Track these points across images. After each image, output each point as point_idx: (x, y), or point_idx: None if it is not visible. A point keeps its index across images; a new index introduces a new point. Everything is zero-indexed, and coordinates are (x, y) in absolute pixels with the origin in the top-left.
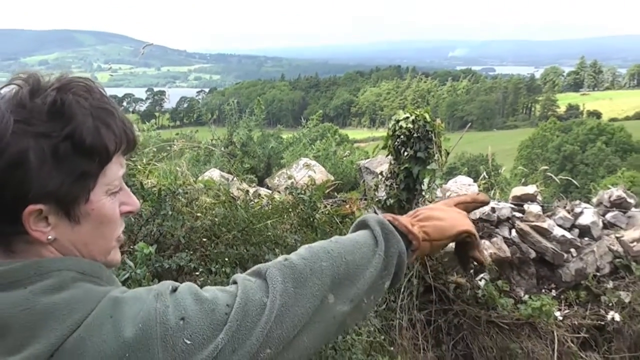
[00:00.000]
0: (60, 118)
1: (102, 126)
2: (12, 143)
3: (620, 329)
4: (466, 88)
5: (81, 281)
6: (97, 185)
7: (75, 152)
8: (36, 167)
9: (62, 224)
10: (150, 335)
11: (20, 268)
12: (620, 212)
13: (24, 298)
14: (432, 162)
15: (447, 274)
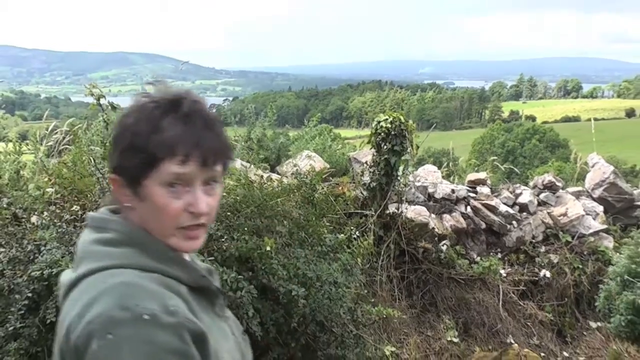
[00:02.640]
0: (142, 118)
1: (162, 131)
2: (117, 126)
3: (550, 283)
4: (432, 97)
5: (124, 246)
6: (150, 177)
7: (138, 146)
8: (119, 147)
9: (134, 197)
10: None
11: (100, 219)
12: (551, 193)
13: (89, 239)
14: (406, 154)
15: (417, 240)
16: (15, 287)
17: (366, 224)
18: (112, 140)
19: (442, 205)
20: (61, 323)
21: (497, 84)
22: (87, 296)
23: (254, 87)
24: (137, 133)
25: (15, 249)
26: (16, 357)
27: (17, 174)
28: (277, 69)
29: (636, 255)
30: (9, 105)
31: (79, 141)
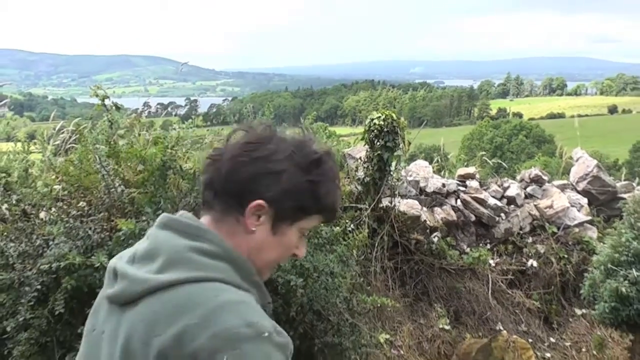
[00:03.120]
0: (316, 168)
1: (329, 191)
2: (282, 160)
3: (537, 272)
4: (423, 96)
5: (224, 262)
6: (300, 222)
7: (310, 194)
8: (283, 183)
9: (265, 227)
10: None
11: (195, 228)
12: (537, 186)
13: (182, 244)
14: (398, 149)
15: (410, 233)
16: (25, 280)
17: (360, 217)
18: (276, 172)
19: (433, 198)
20: (153, 322)
21: (485, 82)
22: (202, 308)
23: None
24: (318, 183)
25: (24, 244)
26: (27, 346)
27: (26, 172)
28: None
29: (619, 245)
30: (17, 106)
31: (85, 140)
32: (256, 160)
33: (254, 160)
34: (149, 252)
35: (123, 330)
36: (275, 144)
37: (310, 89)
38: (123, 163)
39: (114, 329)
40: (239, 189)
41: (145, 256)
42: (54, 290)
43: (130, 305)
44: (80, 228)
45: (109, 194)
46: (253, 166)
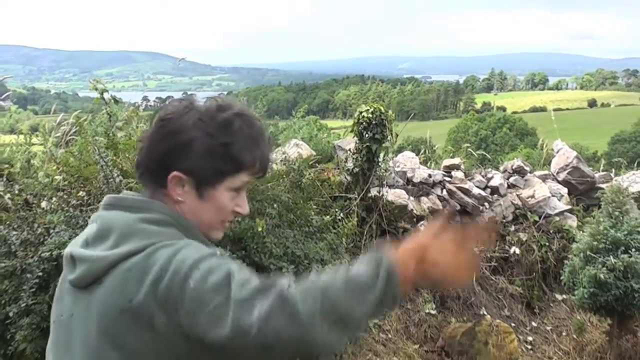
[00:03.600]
0: (225, 130)
1: (246, 149)
2: (189, 130)
3: (519, 259)
4: (410, 90)
5: (173, 227)
6: (224, 182)
7: (223, 156)
8: (195, 152)
9: (191, 194)
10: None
11: (141, 202)
12: (519, 177)
13: (132, 218)
14: (386, 141)
15: (397, 221)
16: (27, 267)
17: (350, 207)
18: (185, 143)
19: (419, 188)
20: (115, 294)
21: (471, 77)
22: (160, 260)
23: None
24: (229, 144)
25: (26, 232)
26: (28, 331)
27: (28, 163)
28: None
29: (597, 233)
30: (21, 100)
31: (85, 132)
32: (167, 135)
33: (165, 136)
34: (101, 232)
35: (95, 307)
36: (185, 116)
37: (302, 83)
38: (121, 154)
39: (84, 310)
40: (157, 165)
41: (97, 237)
42: (54, 276)
43: (95, 285)
44: (79, 217)
45: (108, 184)
46: (165, 142)
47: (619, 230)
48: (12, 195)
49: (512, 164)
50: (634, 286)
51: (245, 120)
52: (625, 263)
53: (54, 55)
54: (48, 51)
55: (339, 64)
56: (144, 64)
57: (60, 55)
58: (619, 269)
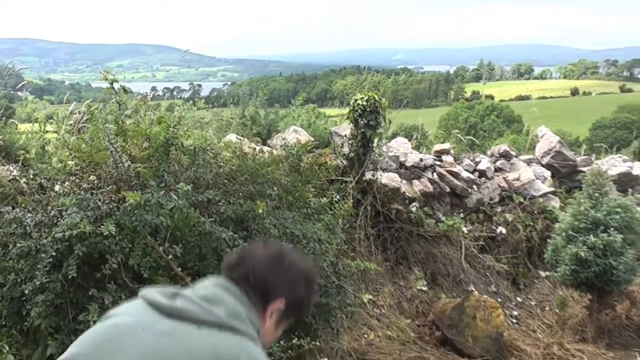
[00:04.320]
0: (312, 286)
1: (312, 302)
2: (300, 277)
3: (505, 238)
4: (404, 80)
5: (255, 331)
6: (290, 320)
7: (306, 302)
8: (297, 291)
9: (274, 320)
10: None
11: (247, 301)
12: (506, 160)
13: (241, 309)
14: (380, 128)
15: (390, 203)
16: (41, 247)
17: (346, 189)
18: (294, 282)
19: (411, 172)
20: (213, 345)
21: (461, 68)
22: (248, 351)
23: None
24: (309, 297)
25: (40, 214)
26: (43, 307)
27: (43, 149)
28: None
29: (578, 214)
30: (37, 91)
31: (95, 120)
32: (285, 270)
33: (283, 271)
34: (211, 299)
35: (194, 339)
36: (290, 260)
37: (302, 74)
38: (130, 140)
39: (171, 330)
40: (266, 290)
41: (206, 299)
42: (67, 256)
43: (186, 322)
44: (90, 200)
45: (117, 169)
46: (282, 275)
47: (599, 210)
48: (28, 179)
49: (499, 148)
50: (613, 263)
51: (316, 284)
52: (604, 242)
53: (69, 48)
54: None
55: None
56: (153, 56)
57: (74, 48)
58: (599, 247)
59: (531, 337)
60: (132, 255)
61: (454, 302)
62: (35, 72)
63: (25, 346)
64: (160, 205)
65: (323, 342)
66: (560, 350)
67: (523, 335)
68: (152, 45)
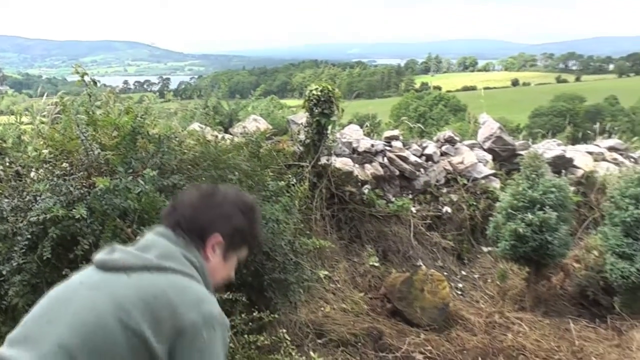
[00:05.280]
0: (252, 212)
1: (259, 229)
2: (231, 206)
3: (451, 217)
4: (358, 73)
5: (198, 272)
6: (239, 251)
7: (248, 230)
8: (233, 223)
9: (219, 256)
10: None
11: (184, 242)
12: (450, 145)
13: (175, 249)
14: (333, 116)
15: (344, 185)
16: (17, 230)
17: (302, 173)
18: (227, 214)
19: (364, 157)
20: (143, 288)
21: (411, 61)
22: (192, 294)
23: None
24: (253, 224)
25: (17, 199)
26: (20, 287)
27: (19, 139)
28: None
29: (517, 193)
30: (17, 85)
31: (68, 111)
32: (212, 206)
33: (213, 206)
34: (145, 246)
35: (125, 284)
36: (222, 195)
37: (264, 67)
38: (100, 130)
39: (104, 281)
40: (200, 227)
41: (140, 247)
42: (42, 238)
43: (122, 272)
44: (63, 185)
45: (88, 156)
46: (211, 211)
47: (536, 190)
48: (4, 167)
49: (444, 134)
50: (548, 239)
51: (257, 207)
52: (540, 219)
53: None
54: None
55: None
56: (124, 52)
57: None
58: (536, 224)
59: (474, 307)
60: (103, 236)
61: (403, 276)
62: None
63: (3, 324)
64: (128, 189)
65: (282, 314)
66: (501, 318)
67: (467, 305)
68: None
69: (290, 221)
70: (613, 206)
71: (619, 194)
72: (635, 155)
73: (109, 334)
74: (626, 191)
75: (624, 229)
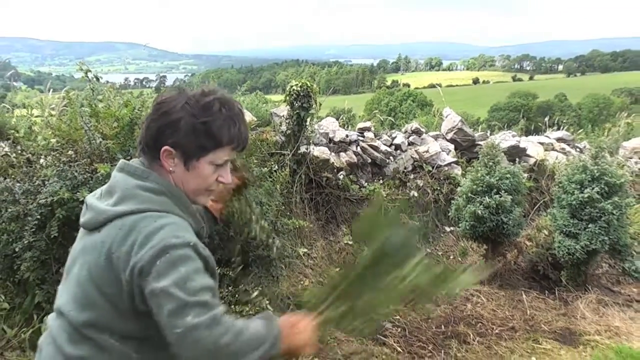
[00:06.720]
0: (206, 111)
1: (225, 127)
2: (177, 111)
3: (417, 200)
4: (336, 71)
5: (164, 196)
6: (207, 157)
7: (204, 133)
8: (181, 129)
9: (180, 166)
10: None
11: (141, 170)
12: (417, 136)
13: (132, 183)
14: (312, 109)
15: (321, 172)
16: (28, 211)
17: (284, 161)
18: (174, 122)
19: (339, 146)
20: (105, 243)
21: (382, 61)
22: (144, 230)
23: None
24: (209, 123)
25: (27, 184)
26: (30, 263)
27: (30, 129)
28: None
29: (476, 179)
30: (29, 81)
31: (73, 104)
32: (160, 115)
33: (159, 116)
34: (109, 190)
35: (90, 248)
36: (175, 100)
37: (250, 66)
38: (101, 121)
39: (84, 247)
40: (153, 140)
41: (106, 192)
42: (50, 219)
43: (95, 231)
44: (68, 171)
45: (91, 145)
46: (158, 121)
47: (493, 176)
48: (17, 154)
49: (412, 126)
50: (504, 219)
51: (224, 103)
52: (496, 202)
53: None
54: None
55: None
56: (125, 52)
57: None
58: (492, 206)
59: None
60: None
61: None
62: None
63: (17, 295)
64: None
65: (265, 287)
66: (462, 290)
67: None
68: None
69: (273, 204)
70: (561, 191)
71: (566, 180)
72: (580, 146)
73: (93, 302)
74: (572, 177)
75: (570, 211)
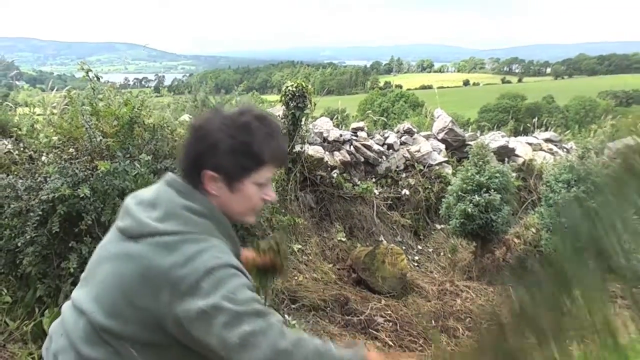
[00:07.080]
0: (245, 131)
1: (265, 145)
2: (215, 133)
3: (409, 199)
4: (330, 72)
5: (207, 219)
6: (250, 177)
7: (245, 153)
8: (221, 152)
9: (224, 189)
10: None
11: (189, 189)
12: (409, 136)
13: (179, 202)
14: (307, 109)
15: (316, 170)
16: (30, 207)
17: None
18: (212, 145)
19: (333, 145)
20: (142, 258)
21: (376, 62)
22: (186, 252)
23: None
24: (248, 143)
25: (29, 180)
26: (32, 257)
27: (32, 127)
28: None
29: (466, 178)
30: (31, 80)
31: (74, 103)
32: (198, 139)
33: (197, 140)
34: (153, 202)
35: (124, 257)
36: (211, 122)
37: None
38: (102, 119)
39: (118, 253)
40: (192, 166)
41: (148, 203)
42: (51, 215)
43: (132, 240)
44: (69, 168)
45: (91, 142)
46: (196, 145)
47: (482, 175)
48: (20, 151)
49: (404, 126)
50: (493, 217)
51: (261, 120)
52: (486, 200)
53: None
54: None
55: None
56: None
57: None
58: (482, 204)
59: (429, 277)
60: (104, 213)
61: (367, 250)
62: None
63: (19, 289)
64: (126, 172)
65: None
66: (452, 286)
67: (422, 275)
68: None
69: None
70: (548, 189)
71: (553, 179)
72: (567, 146)
73: (119, 311)
74: (559, 177)
75: (557, 209)
